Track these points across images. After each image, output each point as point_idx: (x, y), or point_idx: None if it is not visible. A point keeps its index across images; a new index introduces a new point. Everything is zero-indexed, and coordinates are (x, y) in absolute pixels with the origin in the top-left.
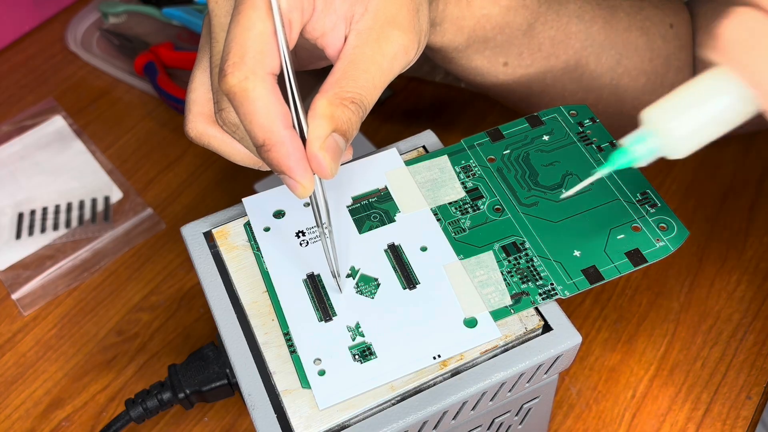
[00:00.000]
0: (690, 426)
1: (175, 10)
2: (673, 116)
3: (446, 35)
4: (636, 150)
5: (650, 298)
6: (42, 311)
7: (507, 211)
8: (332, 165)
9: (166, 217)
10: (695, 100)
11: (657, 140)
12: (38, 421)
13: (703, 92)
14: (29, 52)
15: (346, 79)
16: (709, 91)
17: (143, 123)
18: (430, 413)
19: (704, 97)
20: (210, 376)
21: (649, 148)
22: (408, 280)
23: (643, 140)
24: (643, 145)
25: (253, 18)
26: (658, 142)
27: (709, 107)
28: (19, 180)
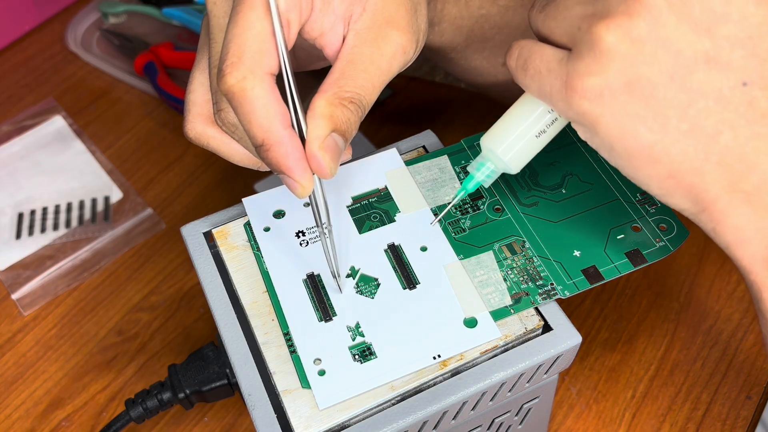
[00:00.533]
0: (690, 426)
1: (175, 10)
2: (498, 142)
3: (445, 35)
4: (479, 175)
5: (650, 298)
6: (42, 311)
7: (507, 211)
8: (331, 165)
9: (166, 217)
10: (512, 124)
11: (492, 164)
12: (38, 421)
13: (516, 116)
14: (29, 52)
15: (344, 78)
16: (519, 115)
17: (143, 123)
18: (430, 413)
19: (518, 119)
20: (210, 376)
21: (488, 172)
22: (408, 280)
23: (482, 166)
24: (483, 170)
25: (251, 18)
26: (493, 165)
27: (524, 127)
28: (19, 180)
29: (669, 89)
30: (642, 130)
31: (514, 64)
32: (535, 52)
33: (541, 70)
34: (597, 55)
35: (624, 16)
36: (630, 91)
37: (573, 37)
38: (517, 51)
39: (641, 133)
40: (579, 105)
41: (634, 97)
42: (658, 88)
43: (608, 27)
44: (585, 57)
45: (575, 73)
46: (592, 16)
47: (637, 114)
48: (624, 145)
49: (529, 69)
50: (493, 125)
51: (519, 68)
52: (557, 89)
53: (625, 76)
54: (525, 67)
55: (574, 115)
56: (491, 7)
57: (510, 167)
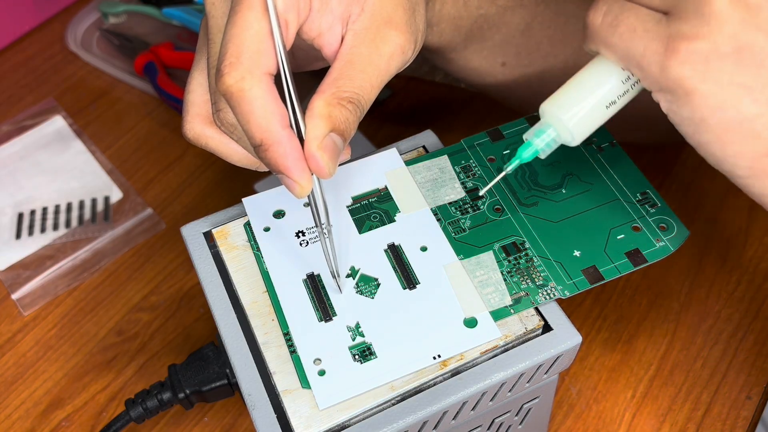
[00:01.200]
0: (690, 426)
1: (175, 10)
2: (564, 108)
3: (444, 35)
4: (537, 143)
5: (650, 298)
6: (42, 311)
7: (507, 211)
8: (330, 165)
9: (166, 217)
10: (581, 90)
11: (554, 132)
12: (38, 421)
13: (586, 82)
14: (29, 52)
15: (343, 79)
16: (591, 80)
17: (143, 123)
18: (430, 413)
19: (588, 86)
20: (210, 376)
21: (548, 139)
22: (408, 280)
23: (542, 133)
24: (542, 137)
25: (249, 18)
26: (554, 133)
27: (594, 95)
28: (19, 180)
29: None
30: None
31: (599, 20)
32: (628, 9)
33: (636, 29)
34: (706, 17)
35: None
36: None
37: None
38: (605, 6)
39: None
40: (679, 70)
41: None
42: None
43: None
44: (691, 19)
45: (679, 34)
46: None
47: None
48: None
49: (620, 26)
50: (558, 90)
51: (606, 25)
52: (653, 51)
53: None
54: (615, 24)
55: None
56: (490, 7)
57: (574, 136)
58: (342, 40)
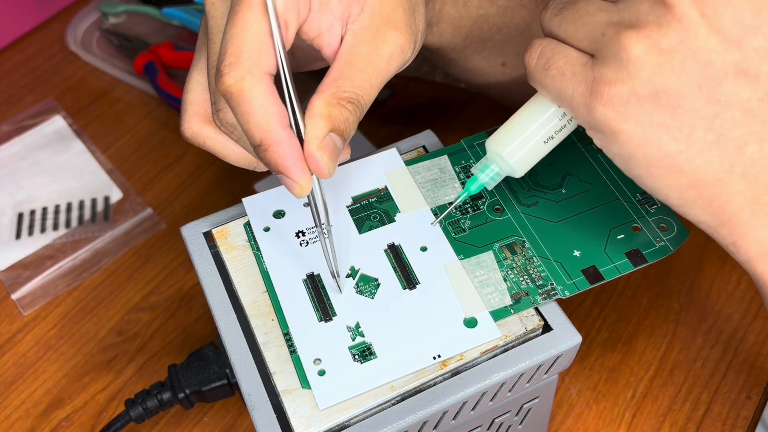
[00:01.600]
0: (690, 426)
1: (175, 10)
2: (505, 145)
3: (444, 35)
4: (482, 177)
5: (650, 298)
6: (42, 311)
7: (507, 211)
8: (330, 165)
9: (166, 217)
10: (521, 127)
11: (497, 167)
12: (38, 421)
13: (526, 119)
14: (29, 52)
15: (342, 79)
16: (530, 117)
17: (143, 123)
18: (430, 413)
19: (527, 123)
20: (210, 376)
21: (492, 174)
22: (408, 280)
23: (487, 168)
24: (487, 172)
25: (249, 18)
26: (497, 168)
27: (533, 131)
28: (19, 180)
29: (696, 99)
30: (666, 140)
31: (534, 62)
32: (558, 52)
33: (564, 72)
34: (624, 63)
35: (653, 27)
36: (656, 100)
37: (596, 43)
38: (539, 49)
39: (665, 142)
40: (602, 112)
41: (661, 106)
42: (685, 98)
43: (637, 37)
44: (611, 64)
45: (602, 79)
46: (619, 24)
47: (662, 123)
48: (645, 154)
49: (550, 69)
50: (500, 127)
51: (539, 68)
52: (580, 93)
53: (652, 86)
54: (546, 67)
55: (594, 122)
56: (490, 7)
57: (515, 170)
58: (342, 40)
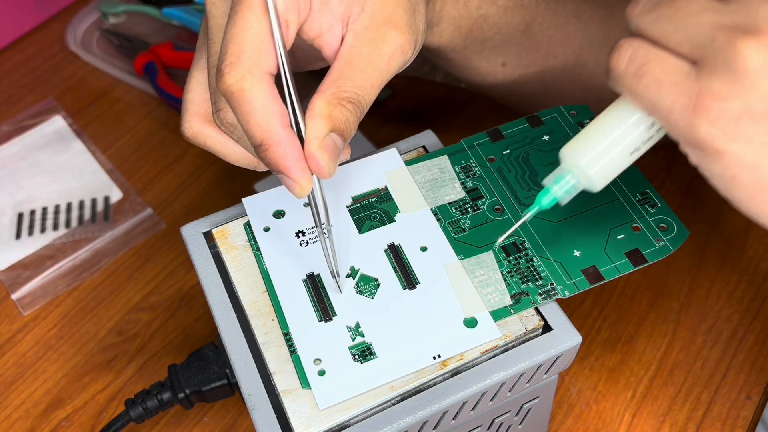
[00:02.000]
0: (690, 426)
1: (175, 10)
2: (584, 155)
3: (444, 35)
4: (556, 189)
5: (650, 298)
6: (42, 311)
7: (507, 211)
8: (330, 164)
9: (166, 217)
10: (603, 136)
11: (573, 179)
12: (38, 421)
13: (609, 126)
14: (29, 52)
15: (343, 79)
16: (614, 125)
17: (143, 123)
18: (430, 413)
19: (611, 131)
20: (210, 376)
21: (567, 186)
22: (408, 280)
23: (561, 179)
24: (561, 184)
25: (249, 18)
26: (574, 180)
27: (617, 141)
28: (19, 180)
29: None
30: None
31: (622, 67)
32: (653, 58)
33: (663, 81)
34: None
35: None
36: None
37: (702, 49)
38: (629, 52)
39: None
40: (708, 130)
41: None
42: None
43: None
44: (722, 75)
45: (709, 92)
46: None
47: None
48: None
49: (645, 77)
50: (578, 134)
51: (630, 74)
52: (681, 106)
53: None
54: (640, 74)
55: (695, 139)
56: (490, 7)
57: (594, 184)
58: (342, 40)
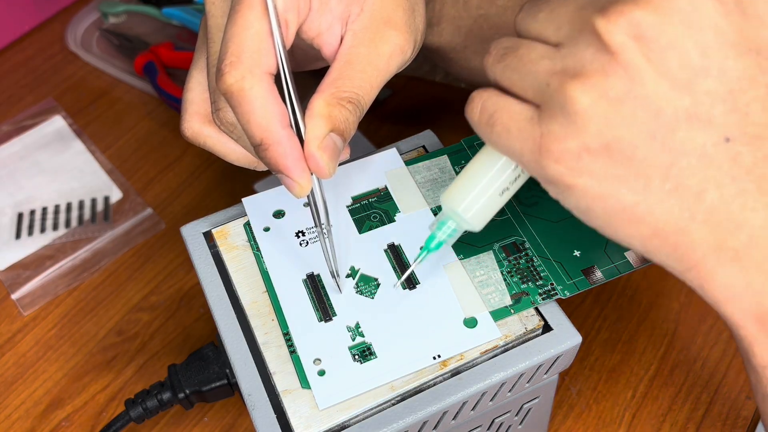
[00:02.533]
0: (690, 426)
1: (174, 10)
2: (459, 202)
3: (443, 35)
4: (440, 235)
5: (650, 298)
6: (42, 311)
7: (507, 211)
8: (330, 164)
9: (166, 217)
10: (474, 181)
11: (454, 223)
12: (38, 421)
13: (478, 172)
14: (29, 52)
15: (342, 79)
16: (483, 170)
17: (143, 123)
18: (430, 413)
19: (480, 176)
20: (210, 376)
21: (449, 231)
22: (408, 280)
23: (444, 225)
24: (444, 229)
25: (249, 18)
26: (454, 224)
27: (487, 185)
28: (19, 180)
29: (650, 149)
30: (623, 191)
31: (476, 118)
32: (501, 107)
33: (510, 128)
34: (572, 116)
35: (599, 75)
36: (609, 152)
37: (541, 94)
38: (480, 104)
39: (622, 194)
40: (555, 168)
41: (614, 158)
42: (639, 149)
43: (583, 87)
44: (558, 118)
45: (550, 135)
46: (563, 73)
47: (617, 175)
48: (603, 206)
49: (495, 125)
50: (454, 181)
51: (483, 124)
52: (529, 150)
53: (603, 138)
54: (491, 123)
55: (547, 178)
56: (490, 7)
57: (473, 225)
58: (341, 39)
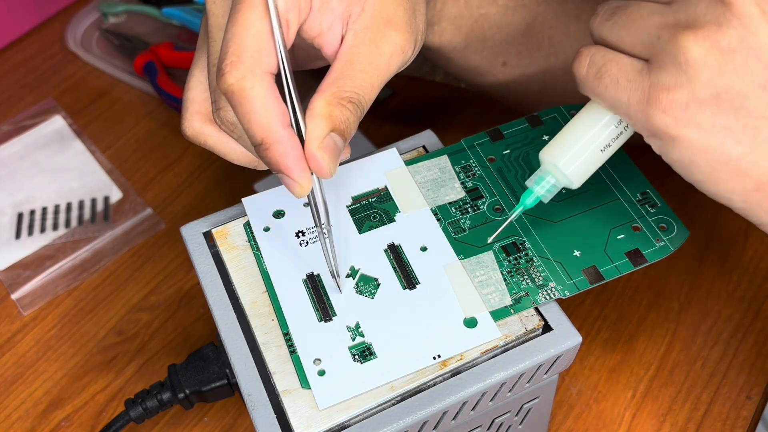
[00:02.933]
0: (690, 426)
1: (175, 10)
2: (561, 156)
3: (444, 35)
4: (538, 190)
5: (650, 298)
6: (42, 311)
7: (507, 211)
8: (331, 164)
9: (166, 217)
10: (576, 137)
11: (552, 179)
12: (38, 421)
13: (581, 128)
14: (29, 52)
15: (343, 78)
16: (586, 126)
17: (143, 123)
18: (430, 413)
19: (583, 132)
20: (210, 376)
21: (548, 186)
22: (408, 280)
23: (542, 180)
24: (542, 184)
25: (250, 17)
26: (553, 180)
27: (589, 141)
28: (19, 180)
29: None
30: (729, 143)
31: (584, 71)
32: (610, 60)
33: (619, 80)
34: (683, 66)
35: (712, 26)
36: (718, 103)
37: (651, 47)
38: (588, 58)
39: (728, 145)
40: (661, 119)
41: (723, 109)
42: (749, 99)
43: (695, 38)
44: (668, 68)
45: (659, 85)
46: (675, 26)
47: (725, 126)
48: (708, 159)
49: (604, 77)
50: (555, 137)
51: (591, 76)
52: (637, 101)
53: (713, 88)
54: (599, 76)
55: (653, 129)
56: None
57: (572, 182)
58: (342, 39)
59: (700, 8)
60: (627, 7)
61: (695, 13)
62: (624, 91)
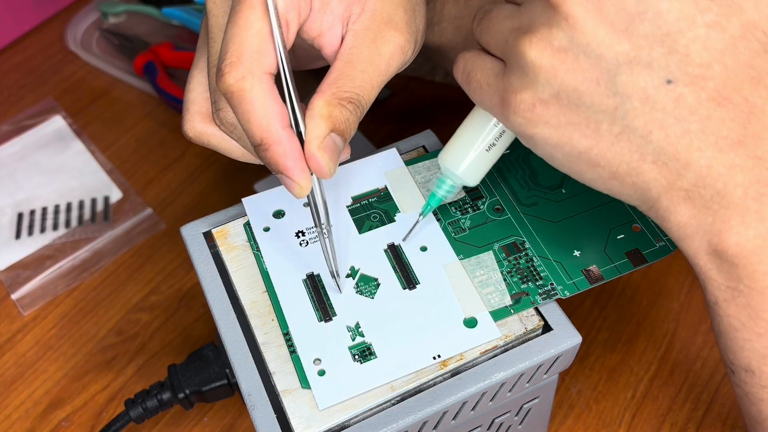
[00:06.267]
0: (690, 426)
1: (175, 10)
2: (452, 161)
3: (444, 35)
4: (440, 192)
5: (650, 298)
6: (42, 311)
7: (507, 211)
8: (330, 165)
9: (165, 217)
10: (464, 140)
11: (450, 181)
12: (38, 421)
13: (467, 131)
14: (29, 52)
15: (343, 79)
16: (471, 129)
17: (143, 123)
18: (430, 413)
19: (469, 134)
20: (210, 376)
21: (447, 188)
22: (408, 280)
23: (443, 183)
24: (443, 187)
25: (250, 18)
26: (451, 181)
27: (474, 143)
28: (19, 180)
29: (596, 95)
30: (577, 137)
31: (459, 76)
32: (477, 65)
33: (482, 84)
34: (524, 69)
35: (544, 28)
36: (559, 101)
37: (504, 52)
38: (462, 64)
39: (576, 139)
40: (515, 119)
41: (564, 106)
42: (585, 95)
43: (531, 41)
44: (515, 71)
45: (510, 87)
46: (518, 30)
47: (570, 122)
48: (563, 153)
49: (472, 82)
50: (448, 142)
51: (464, 81)
52: (496, 103)
53: (552, 88)
54: (468, 80)
55: (512, 129)
56: None
57: (467, 181)
58: (342, 39)
59: (536, 12)
60: (490, 12)
61: (532, 17)
62: (486, 94)
